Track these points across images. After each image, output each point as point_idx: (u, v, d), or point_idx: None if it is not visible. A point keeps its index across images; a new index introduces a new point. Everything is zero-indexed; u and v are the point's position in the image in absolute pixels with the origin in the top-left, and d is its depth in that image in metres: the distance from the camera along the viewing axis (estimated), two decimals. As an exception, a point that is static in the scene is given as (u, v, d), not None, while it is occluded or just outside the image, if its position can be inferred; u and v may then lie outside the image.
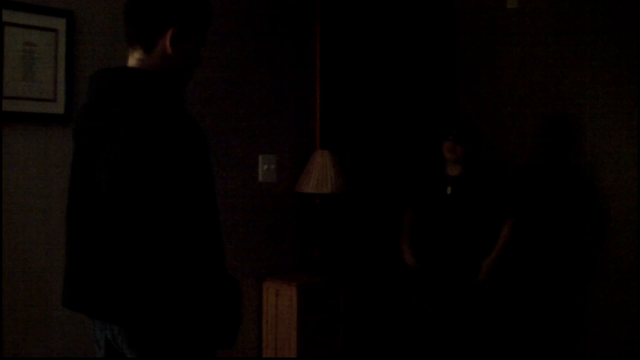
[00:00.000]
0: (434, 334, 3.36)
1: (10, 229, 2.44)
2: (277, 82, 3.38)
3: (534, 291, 3.75)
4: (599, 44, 3.58)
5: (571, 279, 3.66)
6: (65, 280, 1.66)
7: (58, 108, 2.55)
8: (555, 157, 3.76)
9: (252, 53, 3.24)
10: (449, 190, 3.33)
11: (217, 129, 3.06)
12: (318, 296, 3.23)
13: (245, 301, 2.89)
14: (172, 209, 1.44)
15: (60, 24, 2.55)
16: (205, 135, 1.54)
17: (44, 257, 2.53)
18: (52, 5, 2.54)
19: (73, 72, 2.59)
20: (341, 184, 3.29)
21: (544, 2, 3.81)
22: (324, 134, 3.52)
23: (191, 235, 1.45)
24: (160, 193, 1.43)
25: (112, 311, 1.52)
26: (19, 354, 2.46)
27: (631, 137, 3.47)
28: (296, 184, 3.35)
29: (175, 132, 1.46)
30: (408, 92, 3.99)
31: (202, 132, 1.52)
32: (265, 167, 3.29)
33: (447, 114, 4.08)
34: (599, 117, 3.58)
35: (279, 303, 3.18)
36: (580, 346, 3.62)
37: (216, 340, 1.57)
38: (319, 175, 3.25)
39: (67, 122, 2.57)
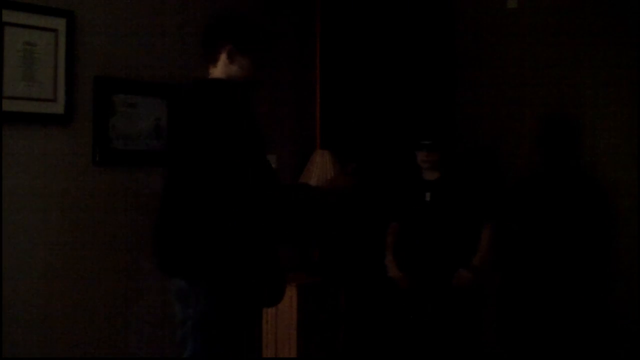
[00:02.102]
0: (419, 341, 3.24)
1: (10, 229, 2.44)
2: (277, 82, 3.37)
3: (534, 292, 3.74)
4: (599, 44, 3.58)
5: (572, 279, 3.65)
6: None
7: (58, 108, 2.55)
8: (555, 158, 3.76)
9: (252, 53, 3.24)
10: (427, 196, 3.21)
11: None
12: (318, 296, 3.23)
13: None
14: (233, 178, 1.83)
15: (60, 24, 2.55)
16: (257, 122, 1.89)
17: (44, 257, 2.53)
18: (52, 5, 2.54)
19: (73, 72, 2.59)
20: (341, 184, 3.28)
21: (544, 2, 3.81)
22: (324, 134, 3.52)
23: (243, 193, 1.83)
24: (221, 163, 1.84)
25: (180, 266, 1.90)
26: (18, 354, 2.46)
27: (631, 137, 3.47)
28: (296, 184, 3.34)
29: (234, 117, 1.86)
30: (407, 92, 3.99)
31: (254, 119, 1.90)
32: (265, 167, 3.29)
33: (420, 116, 3.95)
34: (599, 117, 3.58)
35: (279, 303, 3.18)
36: (580, 345, 3.62)
37: (266, 298, 1.98)
38: (319, 175, 3.25)
39: (67, 122, 2.57)
